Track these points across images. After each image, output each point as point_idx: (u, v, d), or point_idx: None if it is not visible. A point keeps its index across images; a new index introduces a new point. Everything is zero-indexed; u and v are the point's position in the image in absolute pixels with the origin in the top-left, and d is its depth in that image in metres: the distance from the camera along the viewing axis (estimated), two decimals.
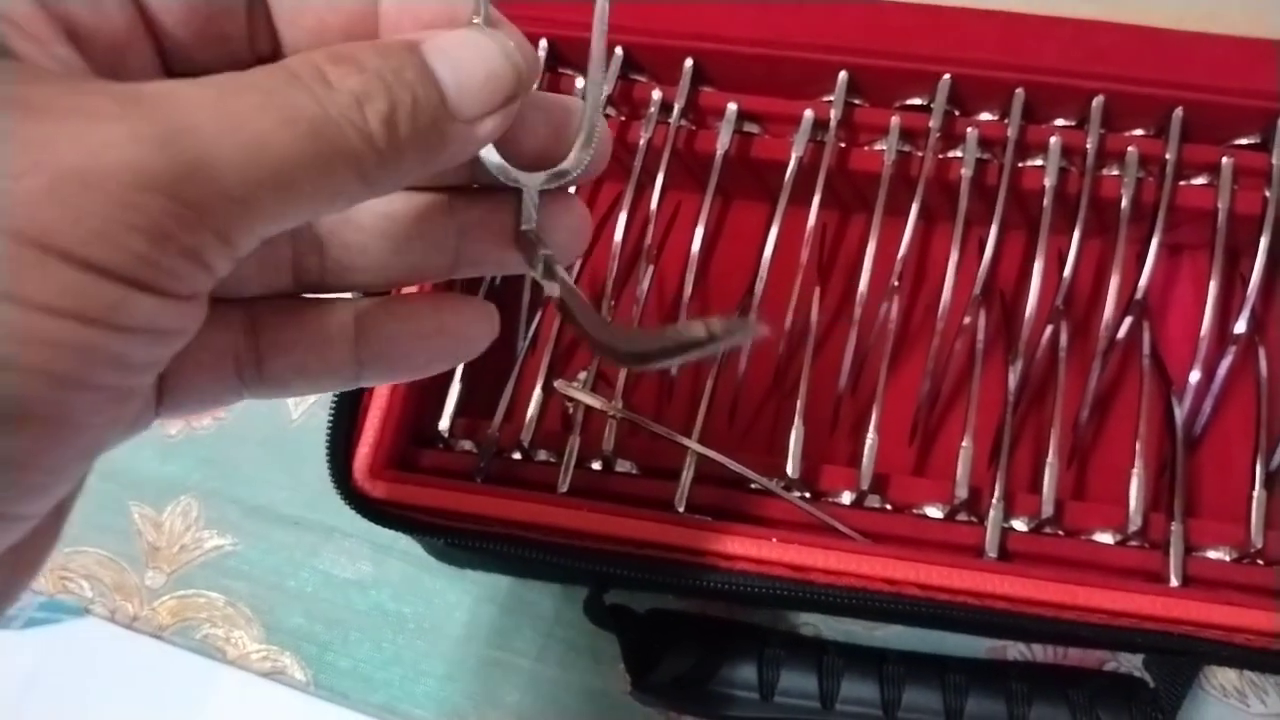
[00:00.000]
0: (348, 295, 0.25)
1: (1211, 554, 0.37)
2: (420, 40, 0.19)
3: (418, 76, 0.19)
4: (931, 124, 0.41)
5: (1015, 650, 0.43)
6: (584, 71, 0.44)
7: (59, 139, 0.15)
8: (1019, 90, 0.41)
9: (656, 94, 0.43)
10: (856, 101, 0.43)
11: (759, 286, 0.40)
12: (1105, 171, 0.41)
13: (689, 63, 0.43)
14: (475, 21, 0.20)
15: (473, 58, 0.19)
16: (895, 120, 0.42)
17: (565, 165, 0.23)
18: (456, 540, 0.37)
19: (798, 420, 0.38)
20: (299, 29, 0.21)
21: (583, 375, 0.40)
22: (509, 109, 0.20)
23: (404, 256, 0.24)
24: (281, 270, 0.23)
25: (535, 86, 0.21)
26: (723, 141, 0.43)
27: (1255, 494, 0.37)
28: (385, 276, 0.24)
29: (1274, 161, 0.40)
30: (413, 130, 0.18)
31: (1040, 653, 0.42)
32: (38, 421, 0.16)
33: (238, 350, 0.23)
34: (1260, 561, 0.37)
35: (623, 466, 0.40)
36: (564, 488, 0.39)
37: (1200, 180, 0.41)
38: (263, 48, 0.21)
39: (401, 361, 0.24)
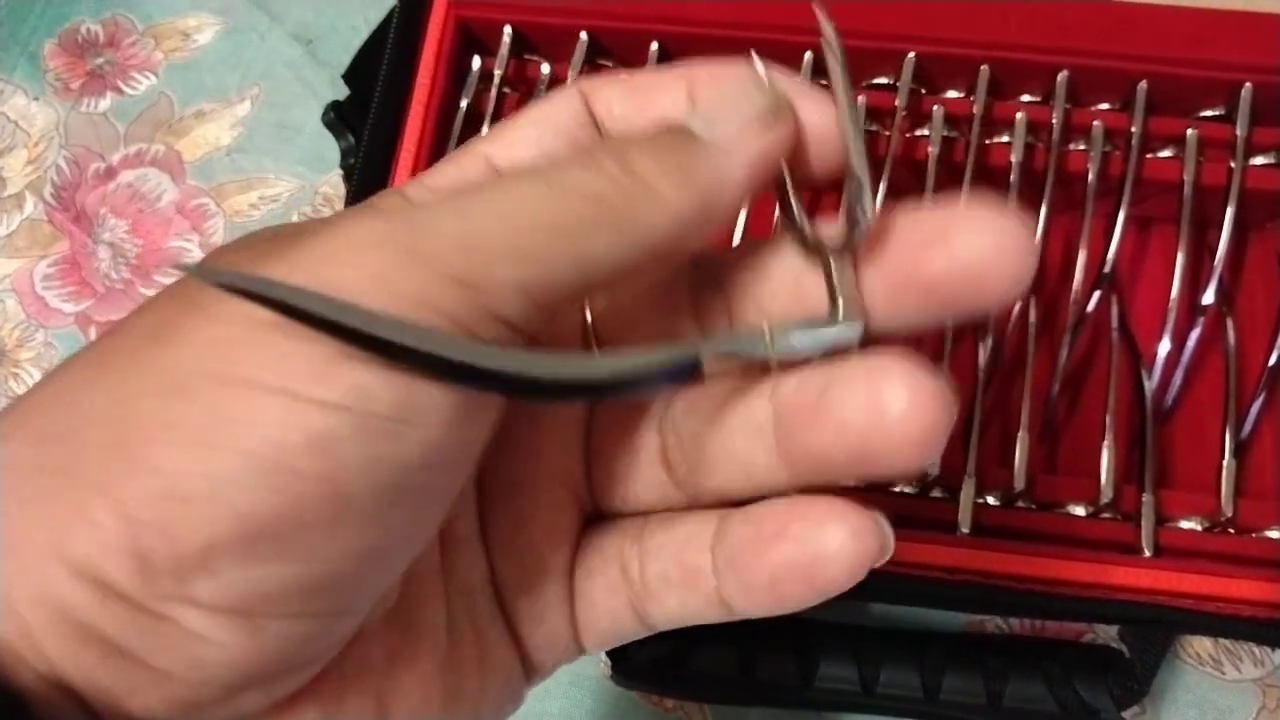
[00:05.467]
0: None
1: (1183, 524, 0.37)
2: None
3: (651, 130, 0.19)
4: (897, 103, 0.41)
5: (993, 624, 0.43)
6: (625, 63, 0.44)
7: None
8: (984, 67, 0.41)
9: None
10: (823, 82, 0.43)
11: None
12: (1071, 146, 0.42)
13: (654, 46, 0.43)
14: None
15: (718, 97, 0.20)
16: (861, 100, 0.42)
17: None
18: None
19: None
20: None
21: None
22: (777, 131, 0.20)
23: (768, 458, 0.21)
24: (654, 468, 0.23)
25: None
26: None
27: (1225, 463, 0.37)
28: (754, 484, 0.21)
29: (1238, 133, 0.40)
30: (654, 160, 0.19)
31: (1018, 625, 0.43)
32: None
33: (624, 561, 0.22)
34: (1231, 530, 0.37)
35: None
36: None
37: (1166, 153, 0.41)
38: None
39: (751, 577, 0.21)
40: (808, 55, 0.42)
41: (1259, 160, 0.41)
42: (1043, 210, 0.40)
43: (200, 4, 0.56)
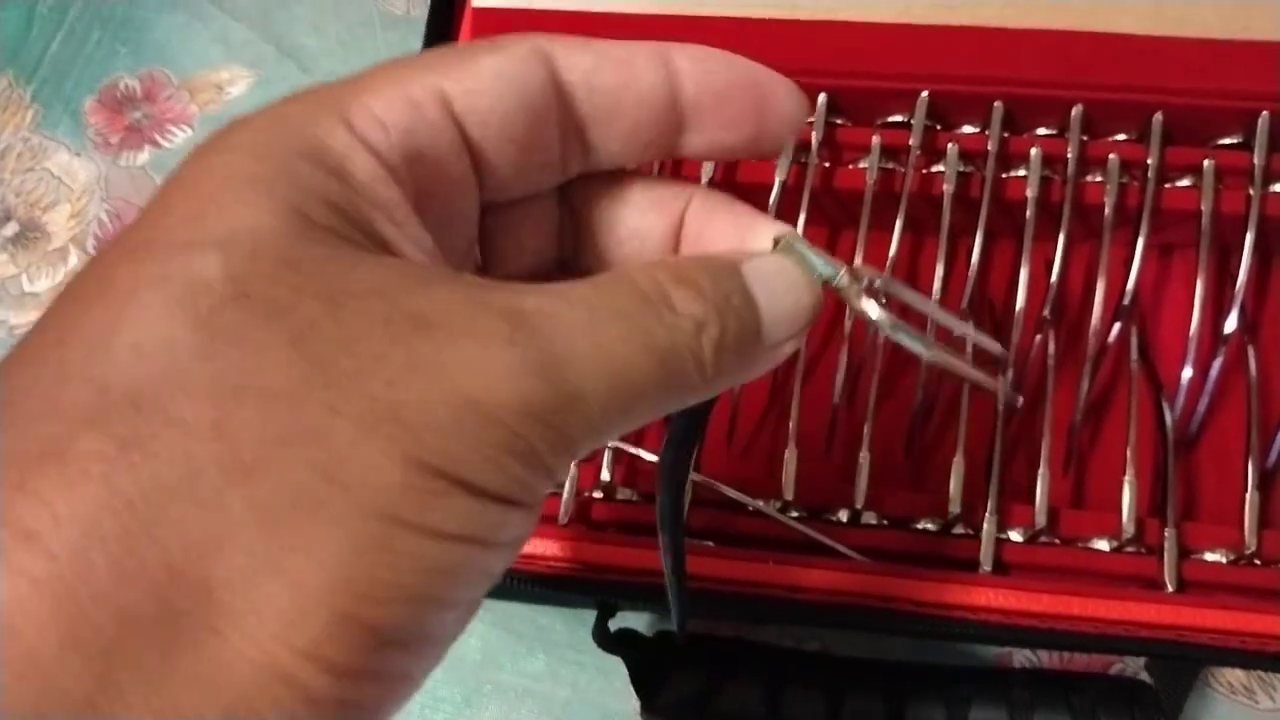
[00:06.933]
0: None
1: (1208, 556, 0.37)
2: (741, 261, 0.20)
3: (743, 302, 0.20)
4: (911, 141, 0.42)
5: (1021, 656, 0.43)
6: None
7: (456, 364, 0.16)
8: (997, 103, 0.41)
9: None
10: (838, 121, 0.43)
11: None
12: (1088, 178, 0.42)
13: None
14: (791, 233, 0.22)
15: (785, 288, 0.21)
16: (876, 139, 0.42)
17: None
18: None
19: (791, 444, 0.39)
20: (612, 133, 0.21)
21: None
22: (802, 334, 0.21)
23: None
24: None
25: None
26: (708, 167, 0.43)
27: (1249, 495, 0.37)
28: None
29: (1256, 160, 0.40)
30: (734, 356, 0.20)
31: (1046, 658, 0.43)
32: (412, 641, 0.16)
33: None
34: (1257, 562, 0.37)
35: (623, 494, 0.40)
36: (565, 519, 0.39)
37: (1185, 182, 0.41)
38: (573, 168, 0.22)
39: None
40: (821, 97, 0.42)
41: (1279, 187, 0.40)
42: (1060, 242, 0.40)
43: (233, 56, 0.58)
